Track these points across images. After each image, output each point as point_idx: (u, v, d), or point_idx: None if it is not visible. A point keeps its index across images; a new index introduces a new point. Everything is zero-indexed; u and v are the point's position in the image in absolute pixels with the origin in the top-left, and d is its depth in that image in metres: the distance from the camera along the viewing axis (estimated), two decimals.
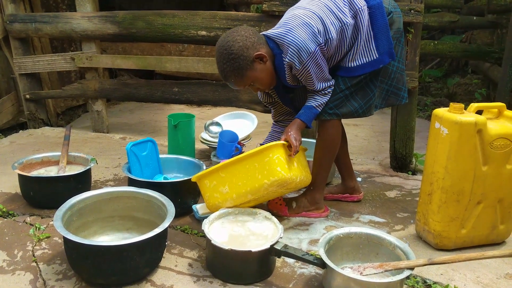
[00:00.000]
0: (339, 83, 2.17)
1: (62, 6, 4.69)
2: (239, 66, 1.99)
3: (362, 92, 2.19)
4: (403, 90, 2.35)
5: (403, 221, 2.39)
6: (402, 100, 2.36)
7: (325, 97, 2.17)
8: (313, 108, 2.17)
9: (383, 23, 2.09)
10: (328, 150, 2.28)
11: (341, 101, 2.18)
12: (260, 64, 2.04)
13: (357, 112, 2.21)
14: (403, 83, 2.34)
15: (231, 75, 2.03)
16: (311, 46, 1.98)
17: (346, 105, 2.19)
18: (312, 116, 2.18)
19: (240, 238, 1.91)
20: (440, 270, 1.92)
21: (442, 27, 6.46)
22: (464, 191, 1.98)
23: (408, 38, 2.93)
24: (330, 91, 2.17)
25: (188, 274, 1.85)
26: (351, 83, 2.16)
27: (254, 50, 2.01)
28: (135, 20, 3.57)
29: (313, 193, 2.35)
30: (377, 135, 4.21)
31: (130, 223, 2.07)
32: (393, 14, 2.15)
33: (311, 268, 1.90)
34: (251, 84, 2.10)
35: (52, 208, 2.27)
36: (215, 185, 2.09)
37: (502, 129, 1.96)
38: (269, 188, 2.01)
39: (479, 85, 5.72)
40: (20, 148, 3.42)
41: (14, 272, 1.82)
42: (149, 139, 2.49)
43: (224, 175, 2.07)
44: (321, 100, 2.17)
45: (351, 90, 2.17)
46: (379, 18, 2.08)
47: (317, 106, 2.17)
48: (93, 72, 3.89)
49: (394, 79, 2.30)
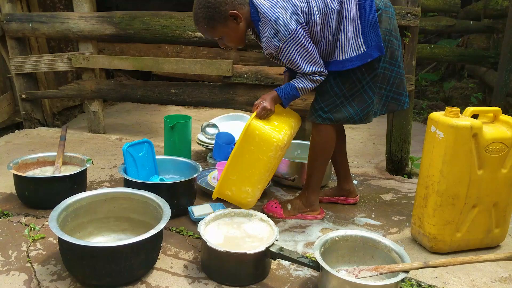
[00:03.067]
0: (333, 85, 2.13)
1: (59, 6, 4.69)
2: (211, 17, 1.97)
3: (359, 99, 2.15)
4: (404, 95, 2.31)
5: (399, 224, 2.39)
6: (404, 106, 2.32)
7: (312, 84, 2.08)
8: (295, 89, 2.09)
9: (372, 17, 2.03)
10: (320, 154, 2.28)
11: (336, 105, 2.15)
12: (233, 23, 2.02)
13: (353, 118, 2.17)
14: (403, 88, 2.30)
15: (202, 21, 2.00)
16: (292, 24, 1.94)
17: (341, 110, 2.16)
18: (290, 96, 2.11)
19: (235, 240, 1.91)
20: (435, 273, 1.92)
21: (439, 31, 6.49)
22: (459, 195, 1.99)
23: (405, 41, 2.94)
24: (320, 79, 2.08)
25: (183, 275, 1.84)
26: (346, 87, 2.12)
27: (232, 8, 1.98)
28: (133, 20, 3.57)
29: (308, 195, 2.36)
30: (373, 138, 4.22)
31: (126, 224, 2.07)
32: (381, 12, 2.09)
33: (306, 270, 1.90)
34: (219, 38, 2.08)
35: (47, 209, 2.26)
36: (236, 190, 2.12)
37: (497, 133, 1.97)
38: (275, 156, 2.05)
39: (475, 89, 5.74)
40: (16, 148, 3.41)
41: (9, 273, 1.81)
42: (146, 140, 2.49)
43: (235, 177, 2.09)
44: (306, 85, 2.08)
45: (346, 96, 2.13)
46: (367, 11, 2.03)
47: (299, 88, 2.08)
48: (90, 72, 3.88)
49: (394, 84, 2.25)
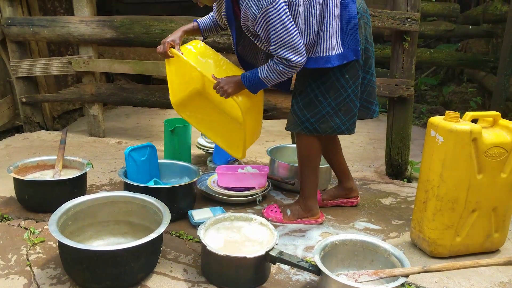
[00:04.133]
0: (317, 94, 2.08)
1: (60, 10, 4.70)
2: None
3: (345, 108, 2.11)
4: (375, 104, 2.30)
5: (398, 229, 2.39)
6: (373, 115, 2.32)
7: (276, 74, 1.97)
8: (259, 78, 2.01)
9: (353, 18, 2.02)
10: (308, 163, 2.27)
11: (322, 116, 2.11)
12: None
13: (340, 128, 2.14)
14: (375, 96, 2.29)
15: None
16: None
17: (328, 121, 2.12)
18: (254, 84, 2.04)
19: (235, 244, 1.91)
20: (435, 277, 1.92)
21: (438, 36, 6.50)
22: (459, 199, 1.99)
23: (404, 46, 2.95)
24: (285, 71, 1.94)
25: (183, 279, 1.84)
26: (330, 95, 2.07)
27: None
28: (133, 25, 3.58)
29: (306, 201, 2.35)
30: (373, 142, 4.23)
31: (126, 228, 2.07)
32: (361, 16, 2.07)
33: (306, 274, 1.90)
34: None
35: (47, 212, 2.26)
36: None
37: (497, 138, 1.97)
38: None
39: (474, 94, 5.75)
40: (16, 152, 3.41)
41: (8, 276, 1.81)
42: (149, 144, 2.49)
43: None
44: (270, 75, 1.98)
45: (332, 105, 2.09)
46: (349, 12, 2.01)
47: (263, 78, 2.00)
48: (90, 76, 3.88)
49: (365, 92, 2.24)
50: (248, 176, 2.64)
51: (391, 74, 3.06)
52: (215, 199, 2.57)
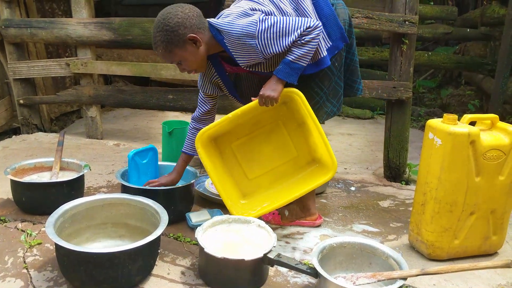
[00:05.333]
0: (313, 87, 2.16)
1: (58, 12, 4.69)
2: (170, 40, 1.93)
3: (334, 92, 2.22)
4: (358, 83, 2.37)
5: (397, 231, 2.39)
6: (357, 92, 2.38)
7: (304, 48, 1.95)
8: (291, 62, 1.97)
9: (330, 12, 2.09)
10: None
11: (319, 105, 2.19)
12: (192, 47, 1.97)
13: (332, 111, 2.25)
14: (357, 75, 2.36)
15: (160, 45, 1.96)
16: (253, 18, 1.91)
17: (323, 108, 2.21)
18: (290, 71, 1.99)
19: (233, 247, 1.90)
20: (433, 280, 1.92)
21: (436, 39, 6.53)
22: (457, 202, 1.99)
23: (402, 49, 2.96)
24: (310, 38, 1.93)
25: (180, 282, 1.83)
26: (325, 84, 2.16)
27: (190, 31, 1.94)
28: (131, 27, 3.58)
29: (304, 200, 2.34)
30: (371, 145, 4.23)
31: (123, 230, 2.06)
32: (336, 6, 2.15)
33: (304, 277, 1.90)
34: (178, 62, 2.03)
35: (44, 214, 2.26)
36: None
37: (495, 140, 1.97)
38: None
39: (472, 96, 5.76)
40: (13, 154, 3.40)
41: (4, 279, 1.80)
42: (151, 147, 2.49)
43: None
44: (299, 52, 1.95)
45: (326, 93, 2.18)
46: (324, 7, 2.08)
47: (295, 59, 1.97)
48: (88, 78, 3.88)
49: (348, 71, 2.31)
50: None
51: (389, 77, 3.07)
52: (213, 201, 2.57)
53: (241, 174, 2.28)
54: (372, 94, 3.03)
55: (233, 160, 2.27)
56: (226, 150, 2.26)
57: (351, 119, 5.42)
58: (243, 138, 2.26)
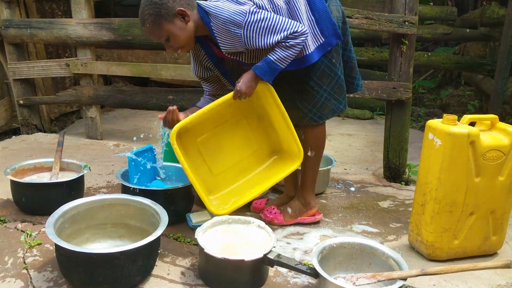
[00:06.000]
0: (313, 86, 2.15)
1: (58, 12, 4.70)
2: (158, 13, 1.91)
3: (339, 89, 2.22)
4: (357, 79, 2.39)
5: (396, 231, 2.39)
6: (357, 88, 2.40)
7: (288, 50, 1.95)
8: (272, 62, 1.96)
9: (322, 7, 2.09)
10: (317, 151, 2.30)
11: (322, 103, 2.19)
12: (181, 22, 1.96)
13: (338, 108, 2.25)
14: (356, 71, 2.38)
15: (148, 19, 1.93)
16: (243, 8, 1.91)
17: (328, 106, 2.21)
18: (268, 70, 1.98)
19: (233, 247, 1.90)
20: (433, 280, 1.92)
21: (436, 39, 6.53)
22: (457, 202, 1.99)
23: (402, 49, 2.96)
24: (295, 43, 1.93)
25: (180, 282, 1.83)
26: (324, 82, 2.16)
27: (179, 5, 1.93)
28: (131, 27, 3.58)
29: (304, 194, 2.36)
30: (370, 145, 4.23)
31: (123, 231, 2.06)
32: (329, 2, 2.15)
33: (304, 277, 1.90)
34: (166, 39, 2.00)
35: (44, 215, 2.25)
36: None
37: (494, 141, 1.97)
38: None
39: (472, 97, 5.77)
40: (13, 154, 3.40)
41: (4, 279, 1.80)
42: (150, 147, 2.50)
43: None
44: (282, 53, 1.95)
45: (328, 91, 2.18)
46: (317, 3, 2.08)
47: (276, 60, 1.96)
48: (88, 78, 3.88)
49: (347, 68, 2.32)
50: None
51: (389, 77, 3.07)
52: None
53: (206, 170, 2.28)
54: (372, 95, 3.03)
55: (198, 156, 2.27)
56: (190, 147, 2.24)
57: (351, 119, 5.42)
58: (207, 133, 2.24)
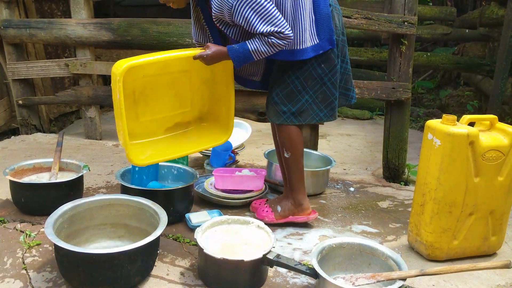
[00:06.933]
0: (297, 84, 2.13)
1: (57, 13, 4.69)
2: None
3: (323, 96, 2.17)
4: (352, 91, 2.37)
5: (396, 232, 2.39)
6: (351, 100, 2.38)
7: (267, 47, 1.94)
8: (247, 51, 1.95)
9: (326, 10, 2.09)
10: (293, 152, 2.24)
11: (302, 105, 2.17)
12: None
13: (318, 115, 2.19)
14: (351, 83, 2.37)
15: None
16: None
17: (308, 110, 2.18)
18: (241, 57, 1.97)
19: (232, 247, 1.91)
20: (432, 281, 1.92)
21: (435, 39, 6.53)
22: (456, 202, 1.99)
23: (401, 49, 2.96)
24: (277, 43, 1.93)
25: (180, 283, 1.83)
26: (308, 83, 2.13)
27: None
28: (130, 27, 3.58)
29: (294, 195, 2.33)
30: (370, 145, 4.23)
31: (122, 231, 2.06)
32: (333, 9, 2.14)
33: (303, 278, 1.90)
34: None
35: (43, 215, 2.25)
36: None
37: (494, 141, 1.97)
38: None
39: (471, 97, 5.77)
40: (12, 154, 3.40)
41: (3, 280, 1.80)
42: None
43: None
44: (261, 47, 1.94)
45: (310, 93, 2.15)
46: (322, 5, 2.08)
47: (252, 50, 1.95)
48: (87, 78, 3.88)
49: (343, 80, 2.31)
50: (245, 179, 2.63)
51: (388, 77, 3.07)
52: (212, 202, 2.57)
53: (133, 114, 2.17)
54: (371, 95, 3.03)
55: (129, 97, 2.12)
56: (126, 85, 2.01)
57: (350, 119, 5.43)
58: (149, 77, 2.10)
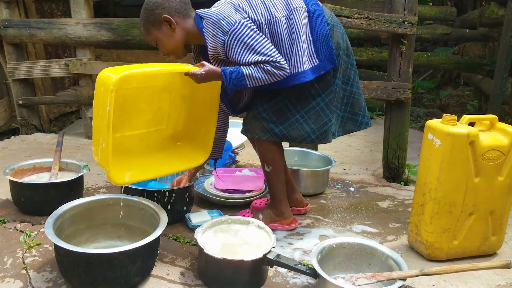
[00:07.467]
0: (287, 103, 2.07)
1: (57, 13, 4.69)
2: (147, 19, 1.97)
3: (315, 116, 2.08)
4: (361, 115, 2.26)
5: (396, 232, 2.39)
6: (361, 126, 2.28)
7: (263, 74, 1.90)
8: (242, 75, 1.90)
9: (323, 30, 2.02)
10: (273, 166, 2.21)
11: (291, 123, 2.09)
12: (167, 29, 1.98)
13: (310, 137, 2.10)
14: (360, 108, 2.25)
15: (140, 23, 2.02)
16: (234, 16, 1.89)
17: (297, 128, 2.09)
18: (235, 80, 1.91)
19: (232, 247, 1.90)
20: (432, 281, 1.92)
21: (435, 39, 6.53)
22: (456, 202, 1.99)
23: (401, 49, 2.96)
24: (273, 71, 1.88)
25: (180, 283, 1.83)
26: (300, 103, 2.07)
27: (167, 13, 1.95)
28: (130, 27, 3.58)
29: (275, 204, 2.32)
30: (370, 145, 4.23)
31: (122, 231, 2.06)
32: (332, 27, 2.06)
33: (303, 278, 1.90)
34: (156, 44, 2.05)
35: (43, 215, 2.26)
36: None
37: (494, 141, 1.97)
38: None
39: (471, 97, 5.78)
40: (12, 154, 3.40)
41: (4, 280, 1.80)
42: None
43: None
44: (256, 73, 1.90)
45: (301, 113, 2.08)
46: (318, 24, 2.02)
47: (247, 75, 1.90)
48: (87, 78, 3.88)
49: (349, 104, 2.23)
50: (245, 178, 2.64)
51: (388, 77, 3.07)
52: (213, 202, 2.57)
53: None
54: (371, 95, 3.03)
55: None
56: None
57: None
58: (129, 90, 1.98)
